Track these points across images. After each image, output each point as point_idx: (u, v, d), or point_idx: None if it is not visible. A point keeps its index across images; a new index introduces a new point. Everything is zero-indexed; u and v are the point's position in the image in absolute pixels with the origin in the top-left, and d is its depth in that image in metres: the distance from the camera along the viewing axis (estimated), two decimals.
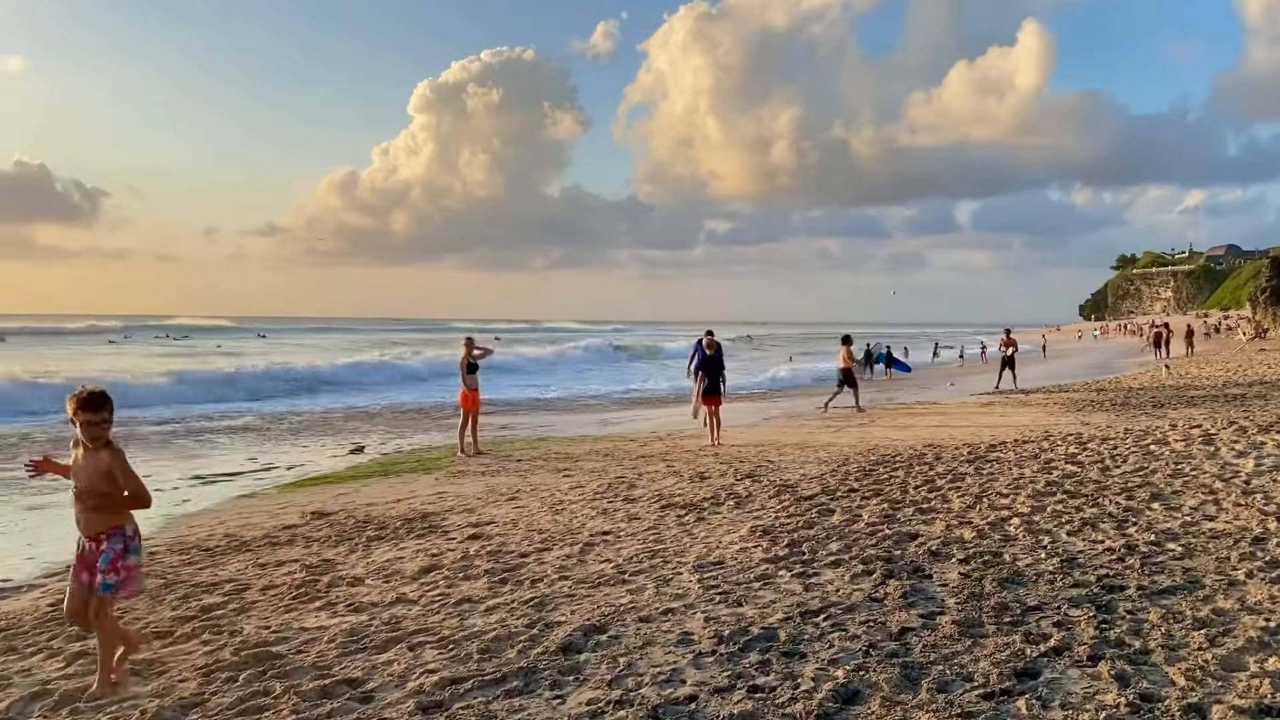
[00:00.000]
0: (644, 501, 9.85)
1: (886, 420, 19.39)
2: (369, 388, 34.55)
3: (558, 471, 12.76)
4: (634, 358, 58.61)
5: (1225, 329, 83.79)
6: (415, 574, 7.11)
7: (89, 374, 30.69)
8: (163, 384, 29.89)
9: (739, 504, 9.40)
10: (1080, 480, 9.63)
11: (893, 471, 11.08)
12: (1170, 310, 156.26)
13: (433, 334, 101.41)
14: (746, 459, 13.28)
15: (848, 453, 13.44)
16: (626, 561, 7.11)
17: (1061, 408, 20.04)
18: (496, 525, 8.94)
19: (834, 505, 9.01)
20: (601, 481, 11.51)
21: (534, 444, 16.78)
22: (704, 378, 16.42)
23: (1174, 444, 11.92)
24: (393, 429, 20.78)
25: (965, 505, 8.64)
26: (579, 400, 29.67)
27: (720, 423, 15.93)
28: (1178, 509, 7.89)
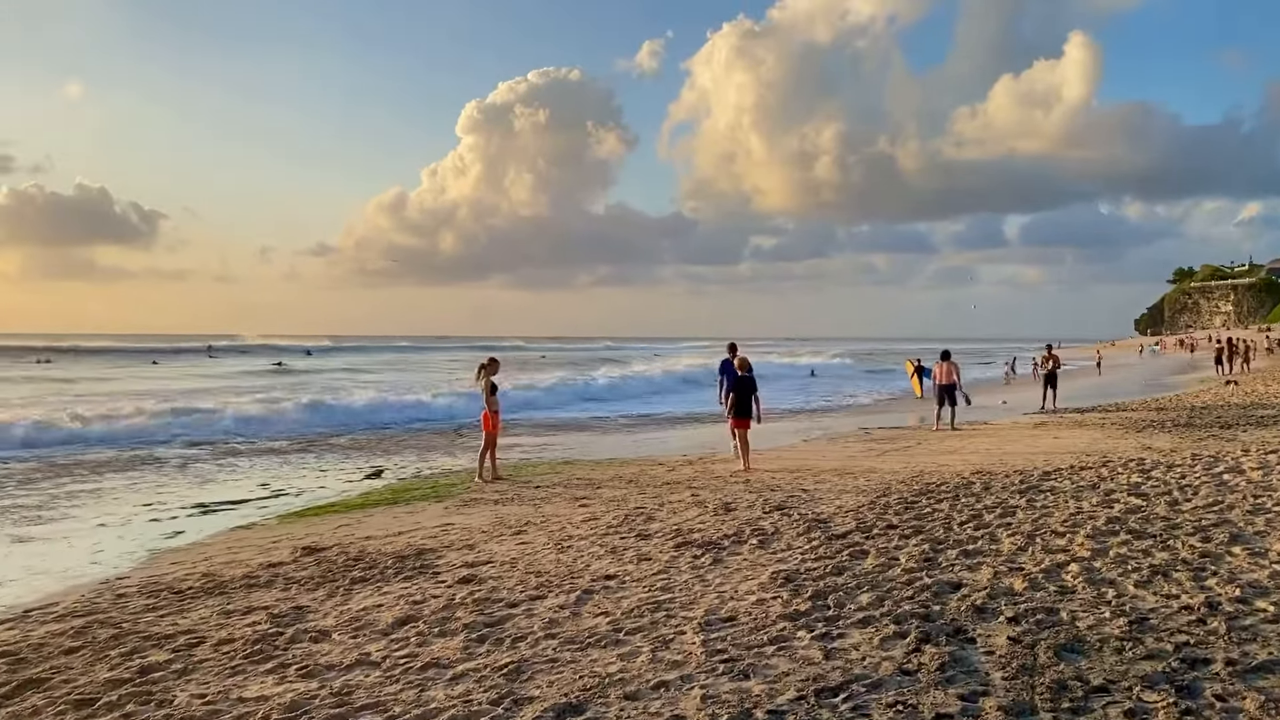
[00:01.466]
0: (659, 538, 8.99)
1: (934, 443, 18.34)
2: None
3: (575, 500, 11.93)
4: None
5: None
6: (388, 627, 6.32)
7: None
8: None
9: (763, 542, 8.51)
10: (1146, 516, 8.60)
11: (937, 504, 10.11)
12: (1230, 324, 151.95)
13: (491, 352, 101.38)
14: (779, 487, 12.36)
15: (889, 481, 12.46)
16: (625, 615, 6.25)
17: (1119, 429, 18.86)
18: (493, 565, 8.13)
19: (869, 545, 8.08)
20: (618, 513, 10.66)
21: (558, 468, 15.99)
22: (734, 398, 15.48)
23: (1249, 473, 10.81)
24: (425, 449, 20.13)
25: (1016, 547, 7.67)
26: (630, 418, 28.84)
27: (749, 447, 15.00)
28: (1263, 554, 6.85)
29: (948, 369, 22.26)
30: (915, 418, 26.49)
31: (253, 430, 23.12)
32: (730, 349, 17.40)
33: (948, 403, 21.86)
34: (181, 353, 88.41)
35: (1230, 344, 48.65)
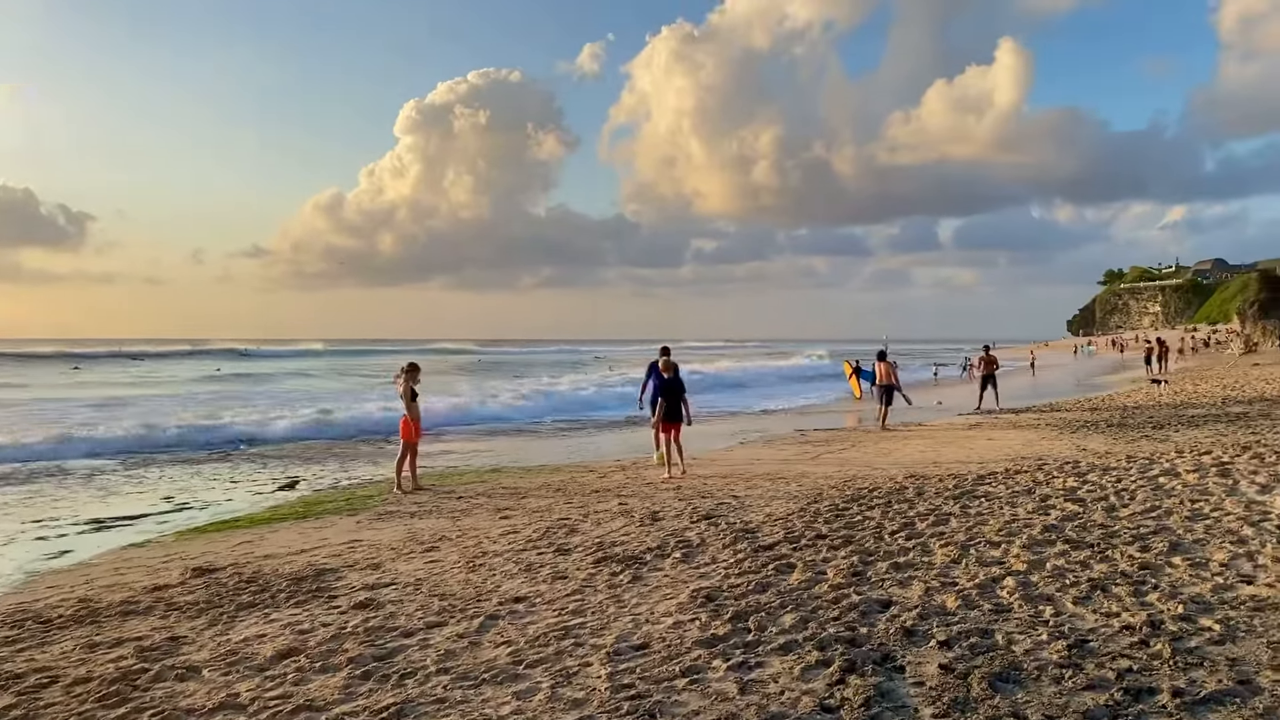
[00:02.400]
0: (579, 553, 8.46)
1: (870, 444, 18.06)
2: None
3: (497, 512, 11.35)
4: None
5: (1215, 343, 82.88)
6: (266, 661, 5.71)
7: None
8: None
9: (687, 556, 8.02)
10: (1083, 524, 8.27)
11: (868, 511, 9.72)
12: (1159, 325, 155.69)
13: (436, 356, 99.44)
14: (710, 494, 11.91)
15: (822, 486, 12.08)
16: (530, 644, 5.72)
17: (1054, 429, 18.76)
18: (396, 588, 7.54)
19: (796, 558, 7.64)
20: (540, 525, 10.11)
21: (485, 476, 15.38)
22: (663, 403, 14.97)
23: (1185, 475, 10.59)
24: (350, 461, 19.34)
25: (949, 559, 7.28)
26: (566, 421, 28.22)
27: (682, 450, 14.52)
28: (1205, 565, 6.53)
29: (886, 369, 22.33)
30: (852, 419, 26.32)
31: (164, 440, 22.02)
32: (662, 351, 16.94)
33: (887, 402, 21.94)
34: (105, 358, 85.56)
35: (1160, 344, 49.46)
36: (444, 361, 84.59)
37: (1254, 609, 5.39)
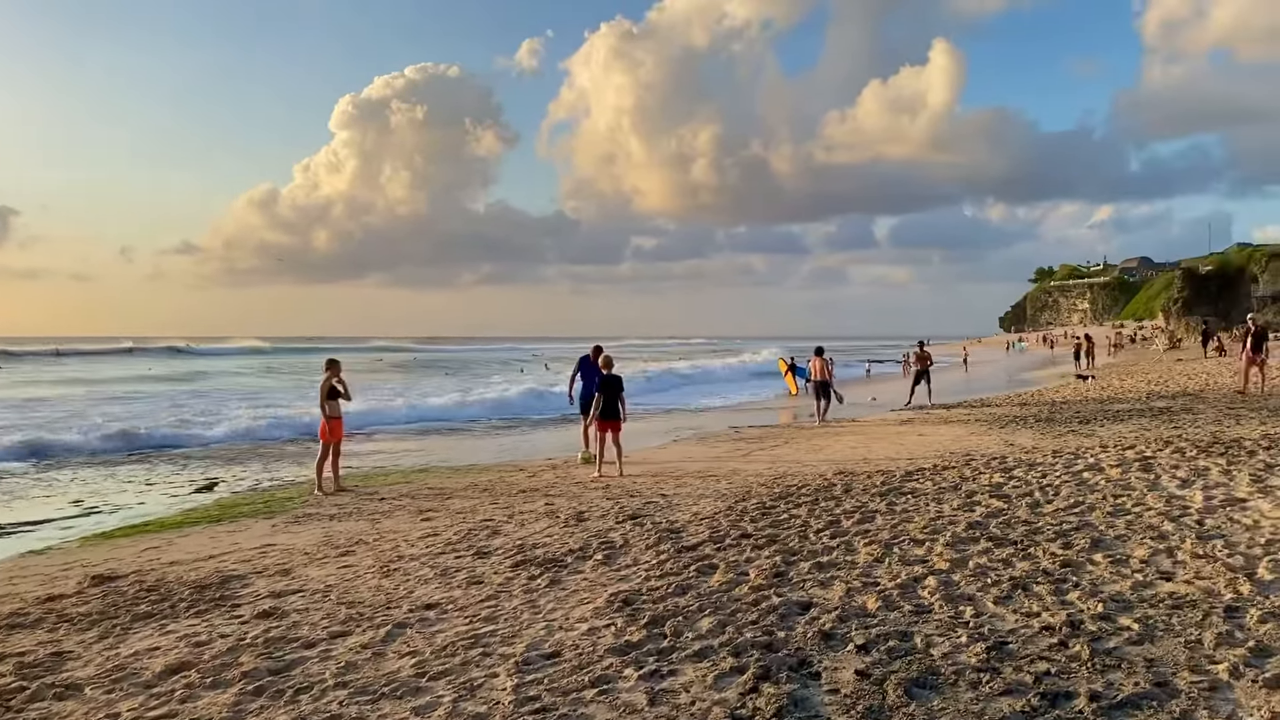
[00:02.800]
0: (499, 555, 8.22)
1: (802, 441, 18.04)
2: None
3: (419, 513, 11.04)
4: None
5: (1141, 339, 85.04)
6: (154, 677, 5.38)
7: None
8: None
9: (609, 558, 7.82)
10: (1008, 521, 8.24)
11: (795, 509, 9.61)
12: (1087, 321, 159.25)
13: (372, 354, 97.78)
14: (639, 492, 11.74)
15: (751, 483, 11.97)
16: (436, 655, 5.47)
17: (984, 425, 18.91)
18: (304, 595, 7.22)
19: (719, 559, 7.48)
20: (462, 527, 9.84)
21: (411, 476, 15.03)
22: (599, 400, 14.74)
23: (1109, 470, 10.66)
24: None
25: (872, 558, 7.17)
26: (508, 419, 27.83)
27: (621, 449, 14.30)
28: (1125, 562, 6.49)
29: (821, 365, 22.51)
30: (787, 415, 26.37)
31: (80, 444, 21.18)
32: (596, 350, 16.72)
33: (823, 398, 22.08)
34: (26, 355, 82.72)
35: (1088, 340, 50.53)
36: (380, 359, 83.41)
37: (1172, 607, 5.34)
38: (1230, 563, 6.17)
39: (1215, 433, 13.83)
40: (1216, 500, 8.41)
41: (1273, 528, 7.15)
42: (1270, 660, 4.40)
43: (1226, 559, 6.28)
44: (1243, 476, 9.50)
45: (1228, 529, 7.26)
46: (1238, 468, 10.09)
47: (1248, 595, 5.45)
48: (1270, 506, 7.91)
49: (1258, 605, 5.23)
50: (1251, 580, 5.72)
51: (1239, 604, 5.29)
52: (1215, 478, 9.61)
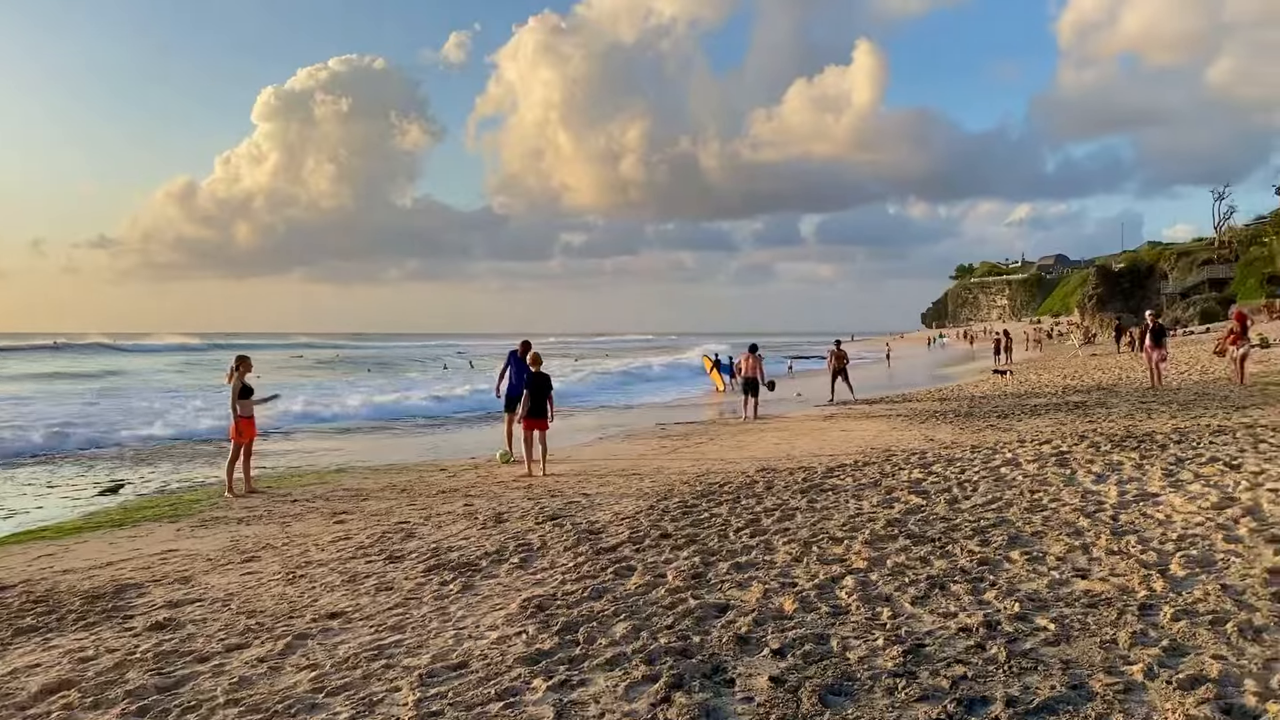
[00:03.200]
0: (412, 559, 7.96)
1: (726, 439, 18.00)
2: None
3: (332, 516, 10.70)
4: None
5: (1057, 334, 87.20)
6: (30, 699, 5.03)
7: None
8: None
9: (525, 560, 7.62)
10: (926, 518, 8.23)
11: (716, 507, 9.51)
12: (1006, 317, 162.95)
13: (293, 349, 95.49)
14: (561, 492, 11.54)
15: (675, 482, 11.85)
16: (337, 667, 5.21)
17: (905, 420, 19.09)
18: (202, 605, 6.89)
19: (637, 560, 7.33)
20: (376, 530, 9.54)
21: (327, 477, 14.61)
22: (527, 398, 14.46)
23: (1026, 465, 10.77)
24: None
25: (791, 557, 7.08)
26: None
27: (546, 449, 14.06)
28: (1042, 560, 6.48)
29: (752, 362, 22.64)
30: (714, 412, 26.38)
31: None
32: (524, 346, 16.46)
33: (751, 395, 22.13)
34: None
35: (1007, 335, 51.57)
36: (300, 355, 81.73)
37: (1088, 605, 5.33)
38: (1144, 559, 6.21)
39: (1128, 426, 14.11)
40: (1130, 495, 8.51)
41: (1184, 523, 7.23)
42: (1184, 660, 4.39)
43: (1140, 555, 6.31)
44: (1155, 471, 9.65)
45: (1141, 524, 7.33)
46: (1150, 462, 10.26)
47: (1161, 592, 5.46)
48: (1181, 501, 8.02)
49: (1170, 602, 5.24)
50: (1165, 577, 5.75)
51: (1153, 601, 5.29)
52: (1129, 472, 9.75)
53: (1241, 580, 5.59)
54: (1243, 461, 9.87)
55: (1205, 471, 9.39)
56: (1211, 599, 5.24)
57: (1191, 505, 7.84)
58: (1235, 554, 6.20)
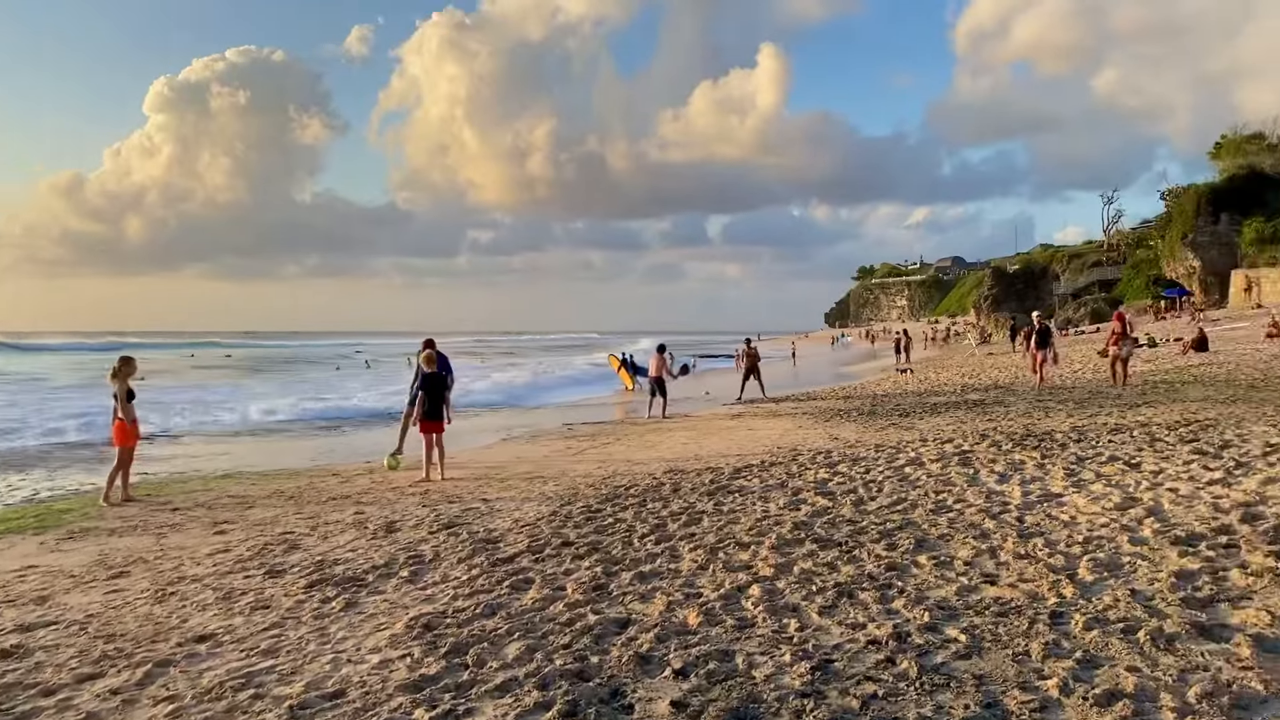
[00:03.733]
0: (294, 574, 7.45)
1: (634, 439, 17.72)
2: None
3: (213, 526, 10.06)
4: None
5: (954, 334, 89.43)
6: None
7: None
8: None
9: (416, 574, 7.18)
10: (832, 520, 8.04)
11: (622, 512, 9.20)
12: (905, 317, 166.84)
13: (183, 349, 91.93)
14: (460, 497, 11.09)
15: (579, 485, 11.51)
16: (199, 698, 4.73)
17: (811, 418, 19.10)
18: (57, 628, 6.29)
19: (536, 571, 6.96)
20: (258, 541, 8.97)
21: (213, 483, 13.85)
22: (424, 400, 13.91)
23: (929, 465, 10.72)
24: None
25: (697, 565, 6.81)
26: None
27: (444, 452, 13.55)
28: (949, 564, 6.32)
29: (658, 361, 22.54)
30: (622, 411, 26.13)
31: None
32: (425, 344, 15.89)
33: (658, 394, 22.21)
34: None
35: (906, 335, 52.62)
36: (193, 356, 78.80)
37: (998, 614, 5.15)
38: (1051, 563, 6.08)
39: (1027, 425, 14.26)
40: (1034, 496, 8.46)
41: (1089, 524, 7.17)
42: (1099, 673, 4.22)
43: (1048, 559, 6.19)
44: (1057, 470, 9.67)
45: (1046, 526, 7.24)
46: (1051, 461, 10.29)
47: (1071, 599, 5.32)
48: (1085, 501, 7.99)
49: (1081, 610, 5.09)
50: (1074, 582, 5.63)
51: (1063, 609, 5.14)
52: (1031, 472, 9.74)
53: (1149, 585, 5.49)
54: (1141, 460, 9.96)
55: (1106, 471, 9.43)
56: (1122, 605, 5.12)
57: (1095, 506, 7.80)
58: (1141, 556, 6.12)
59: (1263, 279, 56.88)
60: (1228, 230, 64.68)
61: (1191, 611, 4.94)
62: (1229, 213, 64.88)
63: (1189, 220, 67.36)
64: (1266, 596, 5.11)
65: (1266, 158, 69.07)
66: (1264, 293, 55.78)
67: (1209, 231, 66.00)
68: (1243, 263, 61.59)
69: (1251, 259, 60.88)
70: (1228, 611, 4.93)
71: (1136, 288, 76.37)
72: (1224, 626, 4.72)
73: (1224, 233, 64.97)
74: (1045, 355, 23.24)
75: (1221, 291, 62.89)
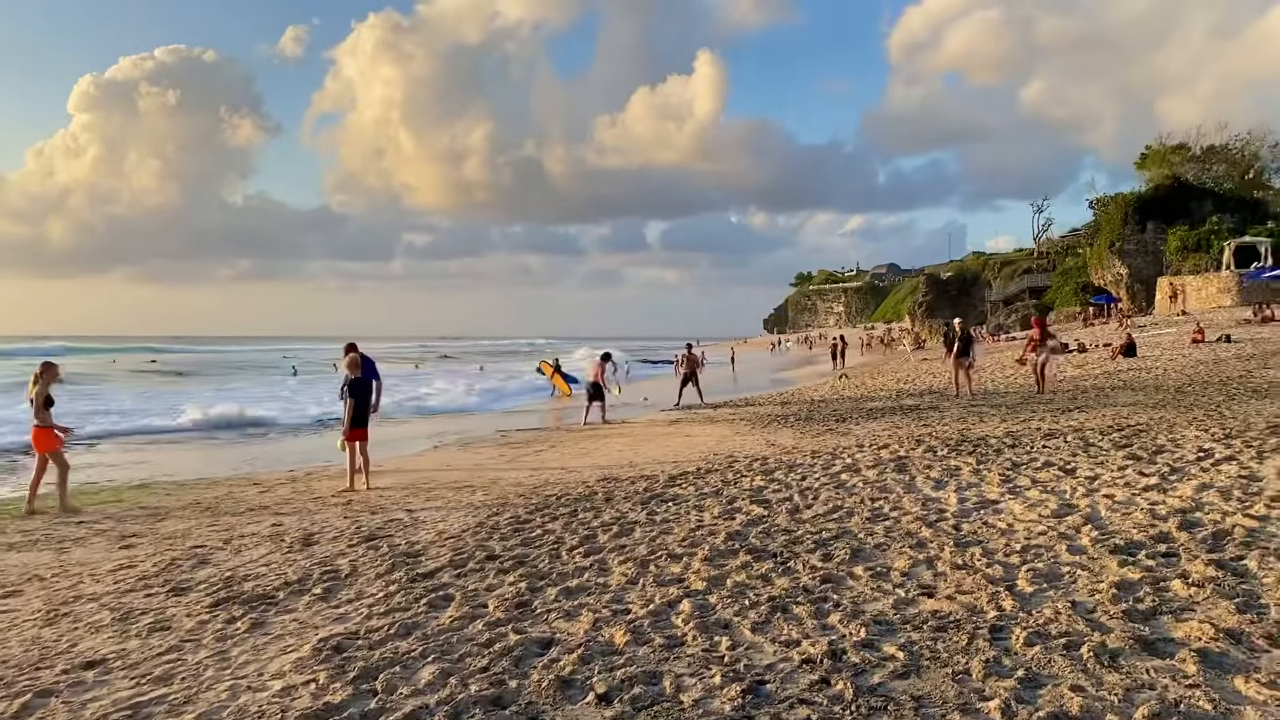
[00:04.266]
0: (200, 591, 7.01)
1: (570, 445, 17.39)
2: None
3: (120, 540, 9.53)
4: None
5: (890, 340, 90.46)
6: None
7: None
8: None
9: (329, 591, 6.79)
10: (768, 530, 7.81)
11: (551, 522, 8.89)
12: (842, 323, 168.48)
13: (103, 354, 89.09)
14: (383, 508, 10.68)
15: (509, 494, 11.16)
16: None
17: (748, 424, 18.94)
18: None
19: (456, 587, 6.62)
20: (166, 556, 8.48)
21: (125, 493, 13.24)
22: (351, 405, 13.39)
23: (865, 471, 10.57)
24: None
25: (626, 578, 6.52)
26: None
27: (369, 461, 13.06)
28: (886, 575, 6.11)
29: (597, 367, 22.62)
30: (556, 418, 25.77)
31: None
32: (348, 348, 15.39)
33: (596, 399, 22.21)
34: None
35: (843, 340, 53.06)
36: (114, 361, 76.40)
37: (937, 629, 4.93)
38: (990, 573, 5.90)
39: (962, 430, 14.23)
40: (970, 503, 8.32)
41: (1026, 532, 7.02)
42: (1042, 693, 4.02)
43: (986, 569, 6.02)
44: (992, 476, 9.56)
45: (984, 534, 7.08)
46: (986, 467, 10.20)
47: (1010, 611, 5.13)
48: (1022, 509, 7.86)
49: (1021, 624, 4.90)
50: (1013, 594, 5.44)
51: (1003, 622, 4.95)
52: (967, 478, 9.63)
53: (1090, 596, 5.33)
54: (1076, 466, 9.90)
55: (1041, 477, 9.35)
56: (1063, 619, 4.94)
57: (1032, 513, 7.67)
58: (1081, 566, 5.97)
59: (1187, 286, 58.29)
60: (1154, 238, 66.25)
61: (1134, 625, 4.78)
62: (1154, 221, 66.45)
63: (1116, 228, 68.87)
64: (1209, 608, 4.96)
65: (1190, 167, 70.98)
66: (1188, 299, 57.18)
67: (1136, 240, 67.53)
68: (1168, 270, 63.13)
69: (1176, 266, 62.43)
70: (1171, 624, 4.78)
71: (1066, 294, 77.91)
72: (1168, 640, 4.56)
73: (1150, 241, 66.54)
74: (967, 362, 22.33)
75: (1148, 298, 64.38)
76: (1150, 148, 75.26)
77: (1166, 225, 65.49)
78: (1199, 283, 57.63)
